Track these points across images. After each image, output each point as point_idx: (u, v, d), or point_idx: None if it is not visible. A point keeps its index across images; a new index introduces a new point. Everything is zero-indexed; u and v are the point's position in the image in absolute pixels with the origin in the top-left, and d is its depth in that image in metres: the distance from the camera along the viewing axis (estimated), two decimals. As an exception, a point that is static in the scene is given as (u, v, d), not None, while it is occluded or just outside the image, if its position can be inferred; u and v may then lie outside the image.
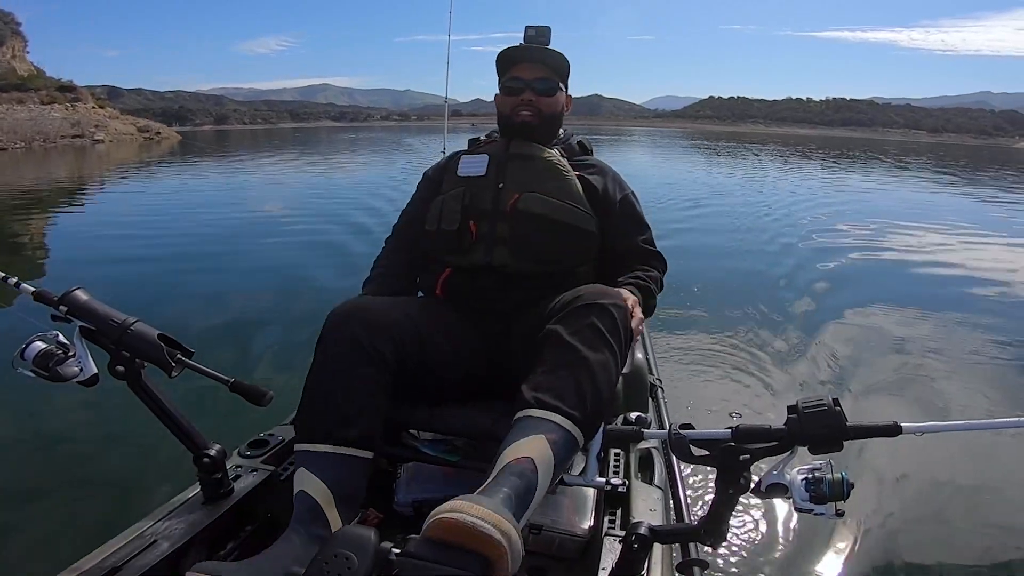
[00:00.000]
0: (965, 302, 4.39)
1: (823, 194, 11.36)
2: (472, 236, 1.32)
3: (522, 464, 0.88)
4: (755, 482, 0.88)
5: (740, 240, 6.45)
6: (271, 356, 3.03)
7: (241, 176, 14.50)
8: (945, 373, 3.06)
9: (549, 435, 0.93)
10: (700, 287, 4.40)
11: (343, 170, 15.84)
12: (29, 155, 22.19)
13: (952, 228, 7.67)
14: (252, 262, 5.36)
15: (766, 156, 24.56)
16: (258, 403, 1.02)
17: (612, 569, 0.95)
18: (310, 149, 26.84)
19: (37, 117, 28.31)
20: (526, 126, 1.41)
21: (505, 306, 1.30)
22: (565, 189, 1.35)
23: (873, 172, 18.26)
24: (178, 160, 20.15)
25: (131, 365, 0.99)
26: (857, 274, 5.14)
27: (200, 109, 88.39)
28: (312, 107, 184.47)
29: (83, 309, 0.98)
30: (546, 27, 1.43)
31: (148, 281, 4.64)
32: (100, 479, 2.03)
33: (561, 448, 0.93)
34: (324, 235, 6.38)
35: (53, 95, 31.69)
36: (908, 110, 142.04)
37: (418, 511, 1.25)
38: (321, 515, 0.96)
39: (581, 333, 1.03)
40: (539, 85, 1.41)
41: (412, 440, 1.28)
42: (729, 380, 2.87)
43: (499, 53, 1.44)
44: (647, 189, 9.96)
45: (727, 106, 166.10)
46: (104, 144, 28.75)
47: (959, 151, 43.23)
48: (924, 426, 0.86)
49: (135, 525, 0.98)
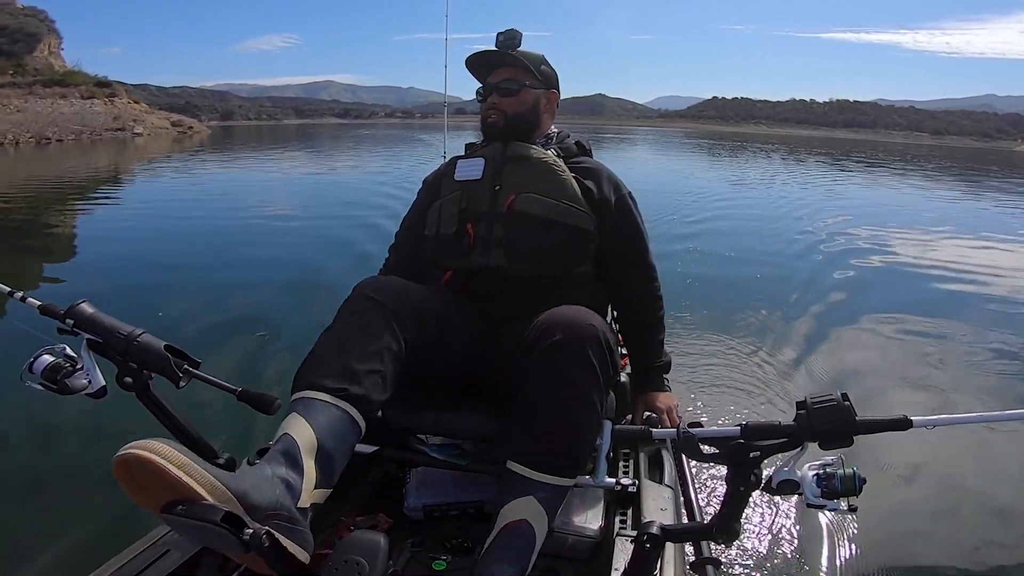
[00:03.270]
0: (975, 303, 4.37)
1: (832, 196, 11.30)
2: (471, 239, 1.32)
3: (520, 527, 0.95)
4: (766, 479, 0.88)
5: (746, 241, 6.43)
6: (278, 363, 3.03)
7: (256, 173, 14.65)
8: (955, 371, 3.05)
9: (538, 493, 0.99)
10: (706, 288, 4.39)
11: (365, 168, 15.97)
12: (79, 146, 23.69)
13: (953, 229, 7.66)
14: (259, 262, 5.33)
15: (778, 158, 24.40)
16: (266, 411, 1.02)
17: (624, 569, 0.95)
18: (324, 146, 27.25)
19: (81, 111, 29.59)
20: (492, 128, 1.43)
21: (505, 308, 1.31)
22: (561, 189, 1.34)
23: (878, 175, 18.15)
24: (211, 153, 21.41)
25: (139, 376, 0.99)
26: (866, 277, 5.11)
27: (206, 105, 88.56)
28: (316, 104, 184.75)
29: (89, 322, 0.99)
30: (513, 30, 1.45)
31: (148, 280, 4.67)
32: (111, 489, 2.02)
33: (551, 499, 1.00)
34: (337, 235, 6.32)
35: (92, 90, 32.83)
36: (911, 112, 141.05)
37: (428, 515, 1.25)
38: (298, 463, 0.89)
39: (558, 377, 1.02)
40: (501, 86, 1.43)
41: (420, 444, 1.28)
42: (736, 379, 2.86)
43: (465, 60, 1.46)
44: (649, 190, 9.98)
45: (730, 106, 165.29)
46: (142, 137, 30.09)
47: (956, 153, 43.02)
48: (934, 419, 0.85)
49: (148, 535, 0.99)
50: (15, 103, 26.58)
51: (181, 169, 15.22)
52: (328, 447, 0.94)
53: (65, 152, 20.99)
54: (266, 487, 0.83)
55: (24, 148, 22.40)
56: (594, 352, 1.03)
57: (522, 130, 1.44)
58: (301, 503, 0.87)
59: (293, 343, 3.13)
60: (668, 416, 1.38)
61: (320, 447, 0.93)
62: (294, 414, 0.97)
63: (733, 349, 3.23)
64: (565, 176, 1.37)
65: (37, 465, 2.20)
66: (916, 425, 0.84)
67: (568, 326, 1.05)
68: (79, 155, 19.69)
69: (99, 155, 19.98)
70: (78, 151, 21.46)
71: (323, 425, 0.95)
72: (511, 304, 1.30)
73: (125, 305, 3.95)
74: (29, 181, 12.46)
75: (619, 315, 1.51)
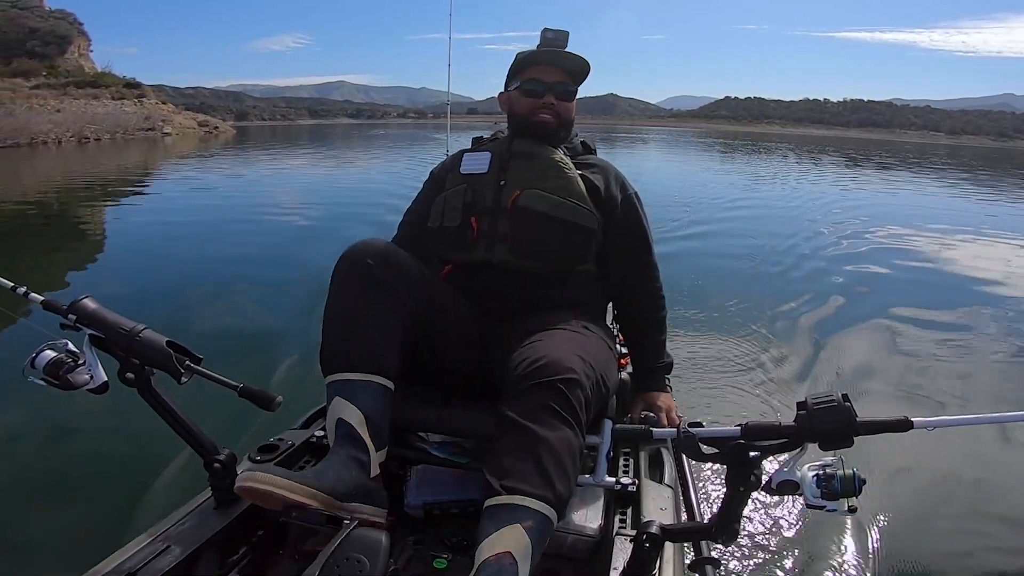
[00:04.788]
0: (979, 305, 4.36)
1: (843, 196, 11.27)
2: (473, 233, 1.32)
3: (502, 561, 0.87)
4: (765, 479, 0.88)
5: (749, 241, 6.42)
6: (279, 358, 3.03)
7: (294, 172, 14.72)
8: (957, 372, 3.04)
9: (524, 523, 0.91)
10: (708, 287, 4.38)
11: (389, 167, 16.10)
12: (115, 145, 24.67)
13: (959, 229, 7.64)
14: (255, 262, 5.32)
15: (792, 158, 24.33)
16: (267, 408, 1.02)
17: (624, 569, 0.95)
18: (336, 144, 27.85)
19: (113, 112, 30.64)
20: (545, 128, 1.41)
21: (506, 303, 1.31)
22: (567, 187, 1.34)
23: (891, 176, 18.11)
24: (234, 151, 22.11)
25: (141, 372, 1.00)
26: (870, 278, 5.09)
27: (220, 106, 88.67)
28: (330, 104, 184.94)
29: (92, 317, 0.99)
30: (564, 31, 1.42)
31: (148, 279, 4.68)
32: (111, 485, 2.05)
33: (537, 531, 0.92)
34: (342, 231, 6.35)
35: (122, 91, 33.87)
36: (927, 111, 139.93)
37: (428, 513, 1.25)
38: (360, 440, 1.03)
39: (535, 414, 0.99)
40: (559, 88, 1.41)
41: (421, 442, 1.28)
42: (737, 379, 2.86)
43: (519, 54, 1.44)
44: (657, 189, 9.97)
45: (743, 106, 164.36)
46: (171, 137, 31.26)
47: (967, 153, 42.93)
48: (935, 420, 0.85)
49: (148, 531, 0.99)
50: (51, 103, 27.48)
51: (219, 167, 15.65)
52: (375, 418, 1.06)
53: (103, 150, 21.73)
54: (345, 474, 0.99)
55: (66, 146, 23.30)
56: (572, 394, 1.01)
57: (565, 135, 1.45)
58: (373, 472, 1.03)
59: (294, 343, 3.15)
60: (668, 416, 1.38)
61: (369, 420, 1.05)
62: (338, 398, 1.07)
63: (734, 349, 3.23)
64: (572, 174, 1.37)
65: (38, 460, 2.21)
66: (917, 426, 0.84)
67: (551, 366, 1.02)
68: (116, 152, 20.60)
69: (135, 153, 20.84)
70: (114, 149, 22.31)
71: (366, 402, 1.06)
72: (510, 300, 1.30)
73: (141, 300, 3.99)
74: (79, 176, 13.07)
75: (621, 314, 1.51)
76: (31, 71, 31.72)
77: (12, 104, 25.04)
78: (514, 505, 0.93)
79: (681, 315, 3.65)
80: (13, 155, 18.84)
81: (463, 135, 2.49)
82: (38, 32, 35.43)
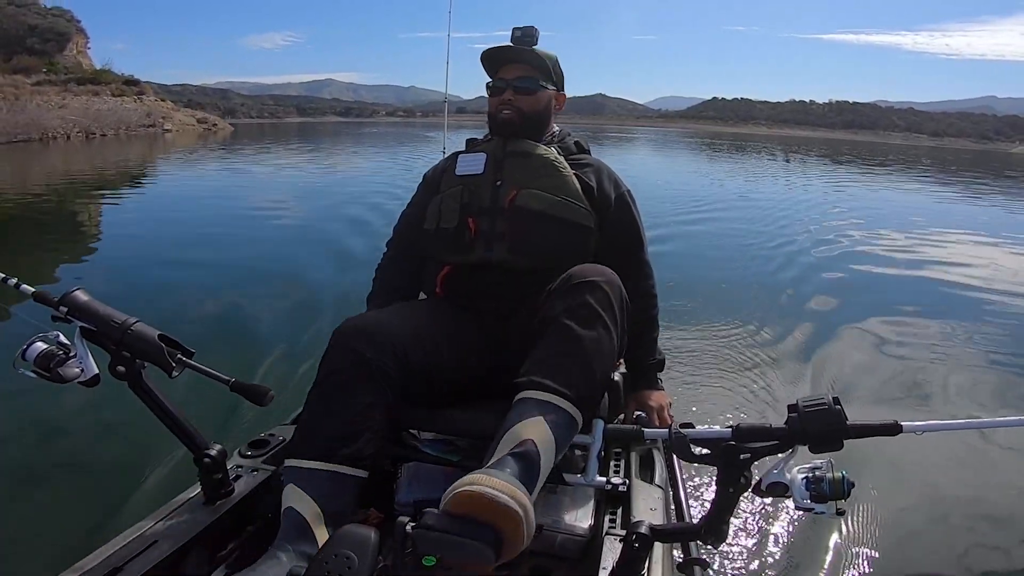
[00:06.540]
0: (967, 307, 4.38)
1: (828, 197, 11.33)
2: (471, 233, 1.33)
3: (525, 446, 0.90)
4: (756, 481, 0.88)
5: (743, 242, 6.43)
6: (271, 353, 3.01)
7: (260, 168, 14.67)
8: (946, 376, 3.06)
9: (548, 416, 0.95)
10: (700, 288, 4.39)
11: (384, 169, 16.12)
12: (118, 141, 25.00)
13: (946, 230, 7.68)
14: (250, 257, 5.30)
15: (780, 158, 24.44)
16: (259, 403, 1.02)
17: (613, 568, 0.95)
18: (324, 142, 27.52)
19: (114, 108, 30.80)
20: (507, 124, 1.43)
21: (504, 303, 1.31)
22: (562, 186, 1.35)
23: (876, 177, 18.22)
24: (232, 148, 21.97)
25: (132, 365, 0.99)
26: (861, 280, 5.10)
27: (208, 103, 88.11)
28: (318, 102, 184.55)
29: (83, 310, 0.98)
30: (532, 27, 1.45)
31: (145, 277, 4.65)
32: (100, 479, 2.03)
33: (561, 428, 0.95)
34: (329, 231, 6.31)
35: (122, 88, 33.95)
36: (911, 114, 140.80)
37: (419, 511, 1.25)
38: (309, 533, 0.95)
39: (574, 312, 1.05)
40: (519, 84, 1.43)
41: (413, 440, 1.28)
42: (729, 381, 2.86)
43: (482, 53, 1.46)
44: (647, 187, 9.97)
45: (731, 107, 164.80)
46: (171, 133, 31.62)
47: (949, 155, 43.22)
48: (924, 425, 0.86)
49: (136, 525, 0.98)
50: (54, 100, 27.66)
51: (221, 163, 15.68)
52: (333, 509, 0.98)
53: (108, 145, 21.86)
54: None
55: (75, 141, 23.56)
56: (614, 295, 1.09)
57: (534, 129, 1.45)
58: None
59: (286, 338, 3.13)
60: (660, 415, 1.38)
61: (325, 514, 0.97)
62: (292, 486, 0.99)
63: (726, 349, 3.23)
64: (567, 173, 1.37)
65: (25, 455, 2.19)
66: (906, 431, 0.84)
67: (590, 272, 1.12)
68: (120, 147, 20.63)
69: (139, 148, 20.89)
70: (119, 145, 22.48)
71: (322, 494, 0.98)
72: (508, 299, 1.30)
73: (134, 293, 3.97)
74: (105, 168, 13.48)
75: None
76: (31, 68, 31.68)
77: (19, 100, 25.15)
78: (541, 401, 0.97)
79: (673, 315, 3.66)
80: (28, 150, 19.07)
81: (453, 134, 2.49)
82: (37, 29, 35.48)
